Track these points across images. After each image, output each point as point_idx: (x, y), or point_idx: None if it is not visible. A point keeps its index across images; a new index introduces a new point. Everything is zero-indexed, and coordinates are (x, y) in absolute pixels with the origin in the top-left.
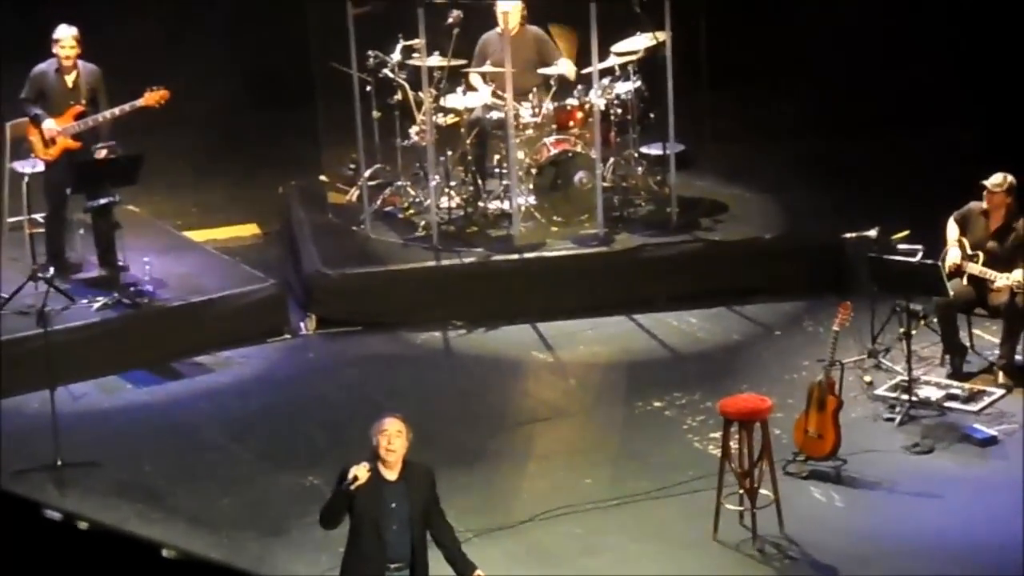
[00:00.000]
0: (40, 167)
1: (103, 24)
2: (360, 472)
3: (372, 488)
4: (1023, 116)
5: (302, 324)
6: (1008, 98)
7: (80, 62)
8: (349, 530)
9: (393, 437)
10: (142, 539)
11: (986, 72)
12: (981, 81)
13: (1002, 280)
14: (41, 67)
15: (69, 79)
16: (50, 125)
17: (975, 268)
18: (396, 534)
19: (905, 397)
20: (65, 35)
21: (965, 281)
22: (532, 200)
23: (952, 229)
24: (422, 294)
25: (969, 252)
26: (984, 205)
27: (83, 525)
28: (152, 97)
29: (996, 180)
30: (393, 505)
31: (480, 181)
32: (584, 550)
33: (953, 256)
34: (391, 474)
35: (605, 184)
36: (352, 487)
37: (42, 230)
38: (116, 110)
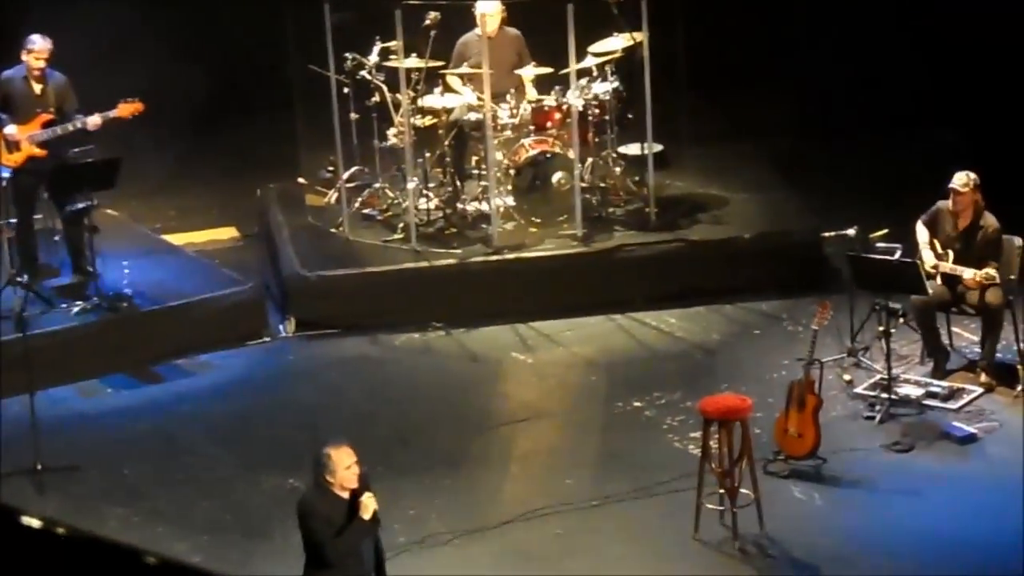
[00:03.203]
0: (6, 172)
1: (79, 26)
2: (374, 502)
3: (340, 513)
4: (1001, 115)
5: (281, 327)
6: (986, 97)
7: (48, 70)
8: (316, 558)
9: (353, 469)
10: (122, 545)
11: (965, 72)
12: (960, 81)
13: (970, 274)
14: (8, 73)
15: (37, 87)
16: (12, 131)
17: (946, 266)
18: (366, 547)
19: (885, 395)
20: (41, 46)
21: (939, 281)
22: (511, 201)
23: (922, 232)
24: (401, 296)
25: (939, 251)
26: (951, 205)
27: (61, 531)
28: (126, 109)
29: (961, 180)
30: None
31: (458, 182)
32: (565, 551)
33: (928, 258)
34: (345, 493)
35: (583, 185)
36: (370, 518)
37: None
38: (88, 121)
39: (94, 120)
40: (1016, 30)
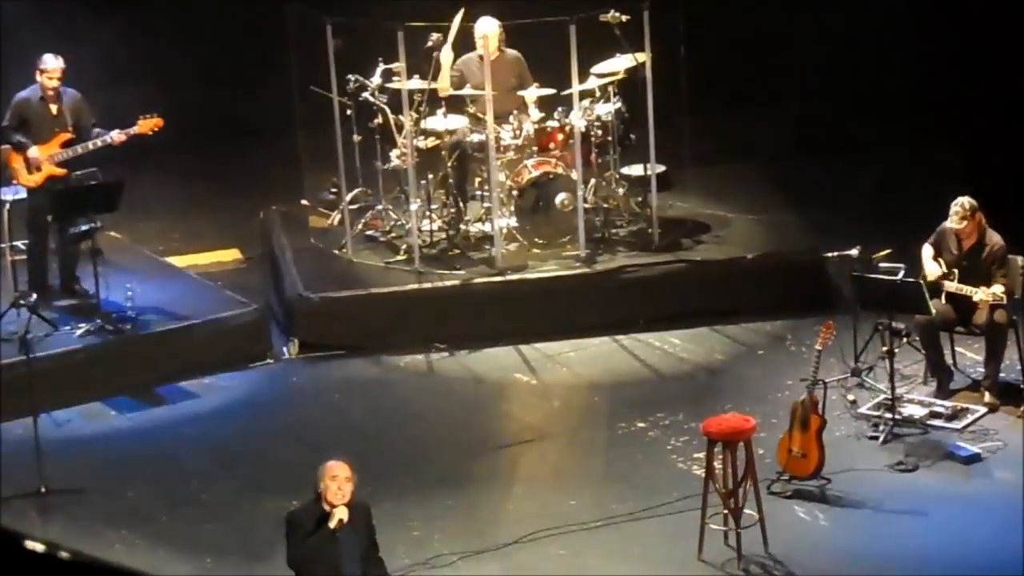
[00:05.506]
0: (22, 194)
1: (83, 50)
2: (345, 514)
3: (326, 532)
4: (1003, 134)
5: (285, 348)
6: (988, 116)
7: (61, 88)
8: (289, 564)
9: (344, 483)
10: (124, 570)
11: (966, 91)
12: (961, 100)
13: (980, 294)
14: (24, 94)
15: (53, 107)
16: (35, 153)
17: (952, 286)
18: (349, 563)
19: (888, 415)
20: (54, 66)
21: (944, 300)
22: (513, 222)
23: (926, 250)
24: (404, 317)
25: (945, 271)
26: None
27: (65, 555)
28: (146, 125)
29: (959, 215)
30: (348, 545)
31: (461, 204)
32: (569, 572)
33: (932, 269)
34: (347, 513)
35: (586, 205)
36: (334, 528)
37: (23, 257)
38: (108, 138)
39: (119, 136)
40: (1015, 49)
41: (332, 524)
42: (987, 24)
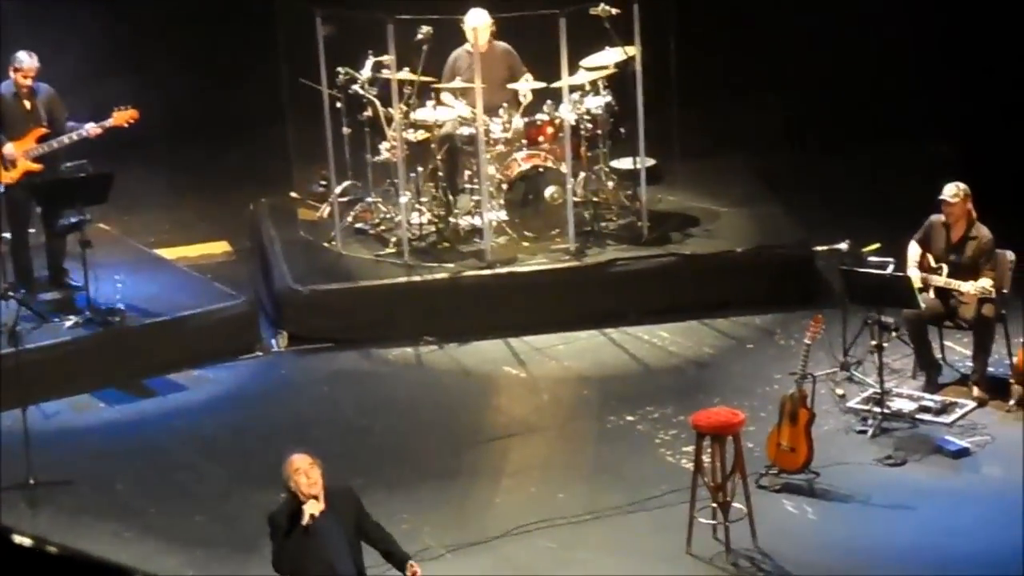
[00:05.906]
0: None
1: (74, 42)
2: (315, 508)
3: (302, 529)
4: (995, 128)
5: (274, 341)
6: (980, 110)
7: (35, 84)
8: (273, 564)
9: (309, 471)
10: (112, 564)
11: (958, 84)
12: (953, 93)
13: (968, 287)
14: None
15: (27, 102)
16: (10, 149)
17: (940, 280)
18: (344, 563)
19: (877, 409)
20: (29, 64)
21: (932, 295)
22: (503, 215)
23: (913, 250)
24: (394, 310)
25: (933, 265)
26: (944, 218)
27: (52, 549)
28: (121, 117)
29: (951, 191)
30: (332, 534)
31: (451, 197)
32: (558, 565)
33: (914, 277)
34: (318, 506)
35: (576, 199)
36: (306, 524)
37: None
38: (84, 131)
39: (94, 129)
40: (1007, 42)
41: (304, 521)
42: (982, 17)
